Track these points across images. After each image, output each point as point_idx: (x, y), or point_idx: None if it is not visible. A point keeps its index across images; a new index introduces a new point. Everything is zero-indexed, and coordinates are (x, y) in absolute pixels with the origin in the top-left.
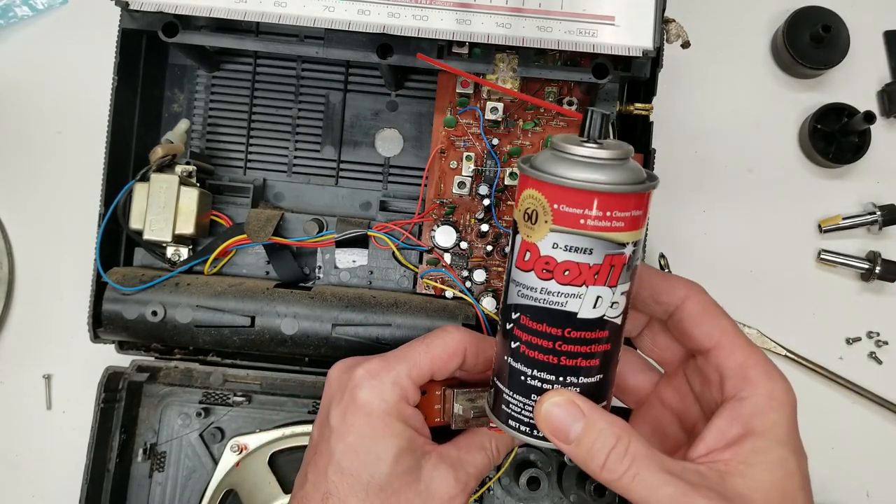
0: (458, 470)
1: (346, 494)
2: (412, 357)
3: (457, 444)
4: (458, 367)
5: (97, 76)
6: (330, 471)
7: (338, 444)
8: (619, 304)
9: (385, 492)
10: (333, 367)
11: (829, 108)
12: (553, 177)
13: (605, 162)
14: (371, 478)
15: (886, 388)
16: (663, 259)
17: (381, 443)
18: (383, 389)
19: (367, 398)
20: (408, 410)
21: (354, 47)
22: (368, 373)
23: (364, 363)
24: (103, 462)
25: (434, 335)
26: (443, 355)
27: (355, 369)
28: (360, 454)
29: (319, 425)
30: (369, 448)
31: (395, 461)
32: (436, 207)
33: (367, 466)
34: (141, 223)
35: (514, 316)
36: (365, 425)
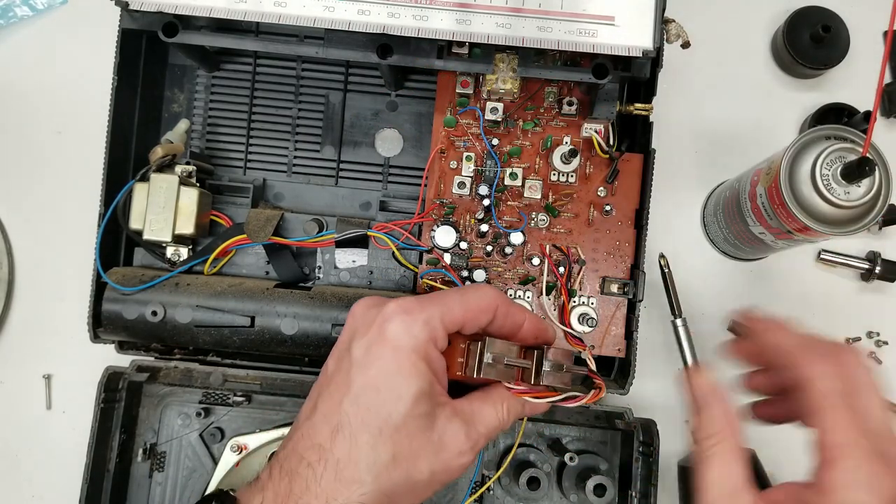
0: (469, 426)
1: (359, 429)
2: (446, 302)
3: (470, 401)
4: (487, 323)
5: (97, 76)
6: (346, 402)
7: (358, 376)
8: None
9: (399, 432)
10: (358, 302)
11: (829, 108)
12: None
13: None
14: (388, 415)
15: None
16: (663, 259)
17: (404, 381)
18: (414, 326)
19: (397, 332)
20: (434, 353)
21: (354, 47)
22: (401, 308)
23: (398, 299)
24: (103, 462)
25: (470, 288)
26: (476, 308)
27: (387, 304)
28: (380, 389)
29: (337, 357)
30: (391, 384)
31: (414, 402)
32: (436, 207)
33: (386, 403)
34: (141, 223)
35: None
36: (390, 360)
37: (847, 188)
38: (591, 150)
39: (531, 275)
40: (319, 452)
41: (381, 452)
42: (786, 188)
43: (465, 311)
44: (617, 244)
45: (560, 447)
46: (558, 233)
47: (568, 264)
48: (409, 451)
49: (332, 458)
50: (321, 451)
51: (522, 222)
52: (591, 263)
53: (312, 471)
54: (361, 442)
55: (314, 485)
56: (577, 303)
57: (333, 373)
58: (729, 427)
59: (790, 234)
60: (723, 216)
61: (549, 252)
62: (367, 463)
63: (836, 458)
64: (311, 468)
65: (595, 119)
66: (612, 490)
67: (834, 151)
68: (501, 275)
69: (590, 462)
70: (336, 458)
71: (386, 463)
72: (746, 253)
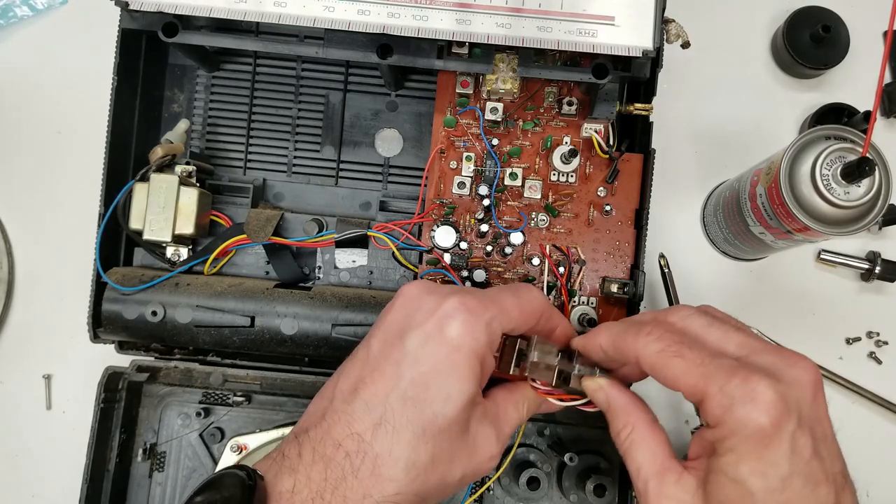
0: (498, 428)
1: (403, 426)
2: (504, 305)
3: (496, 401)
4: (531, 326)
5: (97, 76)
6: (393, 396)
7: (409, 370)
8: None
9: (441, 434)
10: (411, 284)
11: (829, 108)
12: None
13: None
14: (435, 416)
15: (886, 388)
16: (663, 259)
17: (457, 383)
18: (477, 328)
19: (459, 333)
20: (489, 357)
21: (354, 47)
22: (464, 306)
23: (459, 293)
24: (103, 462)
25: (521, 289)
26: (528, 311)
27: (449, 297)
28: (430, 387)
29: (385, 340)
30: (443, 384)
31: (462, 406)
32: (435, 207)
33: (435, 403)
34: (141, 223)
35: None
36: (446, 359)
37: (847, 188)
38: (591, 150)
39: (531, 275)
40: (359, 444)
41: (421, 453)
42: (786, 188)
43: (520, 314)
44: (617, 244)
45: (560, 447)
46: (558, 233)
47: (568, 264)
48: (448, 454)
49: (372, 451)
50: (361, 442)
51: (522, 222)
52: (591, 263)
53: (350, 461)
54: (404, 440)
55: (351, 476)
56: (577, 303)
57: (380, 358)
58: (633, 413)
59: (790, 234)
60: (723, 216)
61: (549, 252)
62: (406, 463)
63: (702, 393)
64: (349, 458)
65: (595, 119)
66: (612, 490)
67: (834, 151)
68: (501, 275)
69: (590, 462)
70: (375, 452)
71: (425, 464)
72: (746, 253)
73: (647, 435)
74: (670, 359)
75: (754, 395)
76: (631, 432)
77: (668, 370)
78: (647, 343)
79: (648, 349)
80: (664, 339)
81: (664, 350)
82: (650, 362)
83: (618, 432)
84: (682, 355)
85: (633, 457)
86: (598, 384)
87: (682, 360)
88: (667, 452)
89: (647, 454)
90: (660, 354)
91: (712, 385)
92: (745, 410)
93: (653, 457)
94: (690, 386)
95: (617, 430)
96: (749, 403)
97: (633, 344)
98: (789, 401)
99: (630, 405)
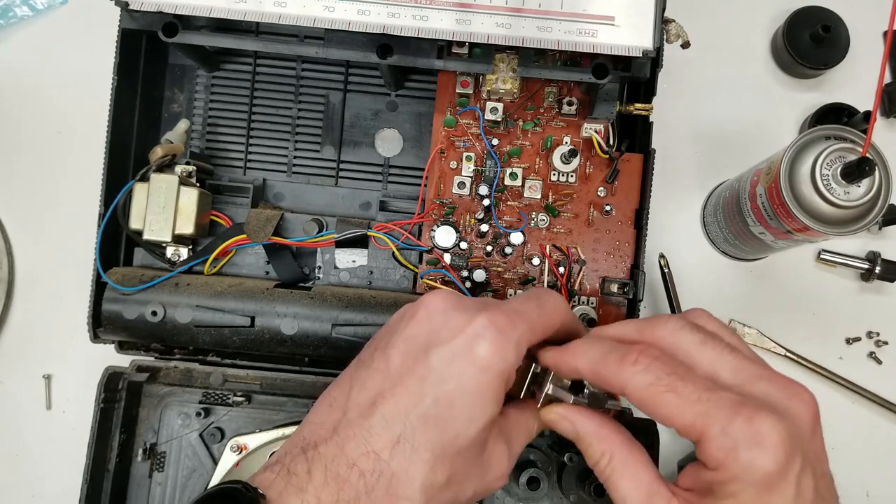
0: (510, 445)
1: (423, 445)
2: (529, 317)
3: (508, 419)
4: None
5: (97, 76)
6: (414, 414)
7: (434, 389)
8: None
9: (460, 455)
10: (435, 295)
11: (829, 108)
12: None
13: None
14: (456, 437)
15: (886, 388)
16: (663, 259)
17: (481, 405)
18: (507, 349)
19: (489, 354)
20: (514, 376)
21: (354, 47)
22: (494, 325)
23: (487, 311)
24: (103, 462)
25: (544, 296)
26: (552, 323)
27: (478, 315)
28: (454, 408)
29: (407, 353)
30: (466, 404)
31: (483, 428)
32: (436, 207)
33: (457, 424)
34: (141, 223)
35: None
36: (473, 380)
37: (847, 188)
38: (591, 150)
39: (531, 275)
40: (375, 462)
41: (438, 474)
42: (786, 188)
43: (544, 327)
44: (617, 244)
45: (560, 447)
46: (558, 233)
47: (568, 264)
48: (463, 474)
49: (388, 470)
50: (378, 460)
51: (522, 222)
52: (591, 263)
53: (364, 481)
54: (422, 460)
55: (364, 497)
56: (577, 303)
57: (403, 373)
58: (607, 439)
59: (790, 234)
60: (723, 216)
61: (549, 252)
62: (422, 483)
63: (699, 433)
64: (364, 478)
65: (595, 119)
66: None
67: (834, 151)
68: (501, 275)
69: None
70: (392, 471)
71: (440, 485)
72: (746, 253)
73: (627, 460)
74: (662, 394)
75: (759, 437)
76: (610, 461)
77: (660, 407)
78: (634, 374)
79: (636, 382)
80: (653, 370)
81: (654, 384)
82: (639, 397)
83: (595, 462)
84: (676, 390)
85: (615, 487)
86: (558, 413)
87: (675, 395)
88: (652, 476)
89: (632, 482)
90: (650, 389)
91: (712, 426)
92: (750, 455)
93: (637, 484)
94: (687, 425)
95: (594, 460)
96: (755, 447)
97: (618, 375)
98: (793, 440)
99: (601, 430)
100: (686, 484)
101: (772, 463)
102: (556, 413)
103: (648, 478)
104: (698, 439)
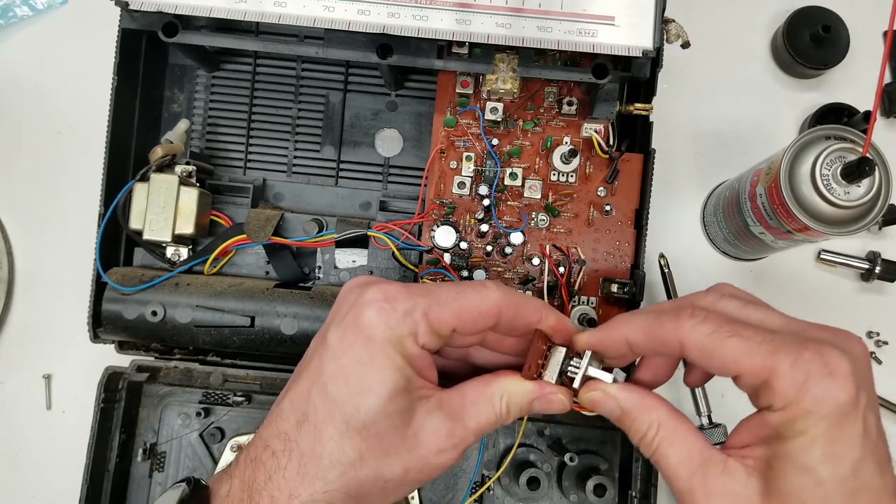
0: (455, 421)
1: (324, 422)
2: (438, 296)
3: (462, 392)
4: (487, 328)
5: (97, 76)
6: (314, 391)
7: (329, 364)
8: None
9: (367, 429)
10: (349, 280)
11: (829, 108)
12: None
13: None
14: (356, 409)
15: (886, 388)
16: (663, 259)
17: (376, 374)
18: (392, 316)
19: (372, 321)
20: (413, 349)
21: (354, 47)
22: (383, 294)
23: (382, 283)
24: (103, 462)
25: (470, 286)
26: (472, 311)
27: (370, 287)
28: (350, 380)
29: (317, 340)
30: (361, 375)
31: (387, 398)
32: (436, 207)
33: (354, 396)
34: (141, 223)
35: None
36: (362, 350)
37: (847, 188)
38: (591, 150)
39: (531, 275)
40: (285, 442)
41: (346, 449)
42: (786, 188)
43: (457, 311)
44: (617, 244)
45: (560, 447)
46: (558, 233)
47: (568, 264)
48: (379, 448)
49: (297, 449)
50: (286, 440)
51: (522, 222)
52: (591, 263)
53: (276, 461)
54: (326, 436)
55: (277, 476)
56: (577, 303)
57: (310, 357)
58: (654, 410)
59: (790, 234)
60: (723, 216)
61: (549, 252)
62: (330, 459)
63: (769, 372)
64: (276, 458)
65: (595, 119)
66: (612, 490)
67: (834, 151)
68: (501, 275)
69: (590, 462)
70: (301, 450)
71: (352, 460)
72: (746, 253)
73: (677, 428)
74: (726, 339)
75: (831, 368)
76: (658, 431)
77: (725, 352)
78: (694, 326)
79: (696, 332)
80: (711, 321)
81: (716, 331)
82: (701, 346)
83: (642, 435)
84: (740, 334)
85: (666, 457)
86: (601, 391)
87: (740, 339)
88: (703, 443)
89: (683, 449)
90: (712, 337)
91: (782, 361)
92: (823, 386)
93: (689, 450)
94: (756, 366)
95: (640, 433)
96: (828, 378)
97: (676, 330)
98: (859, 374)
99: (646, 401)
100: (742, 441)
101: (844, 394)
102: (598, 392)
103: (700, 444)
104: (767, 378)
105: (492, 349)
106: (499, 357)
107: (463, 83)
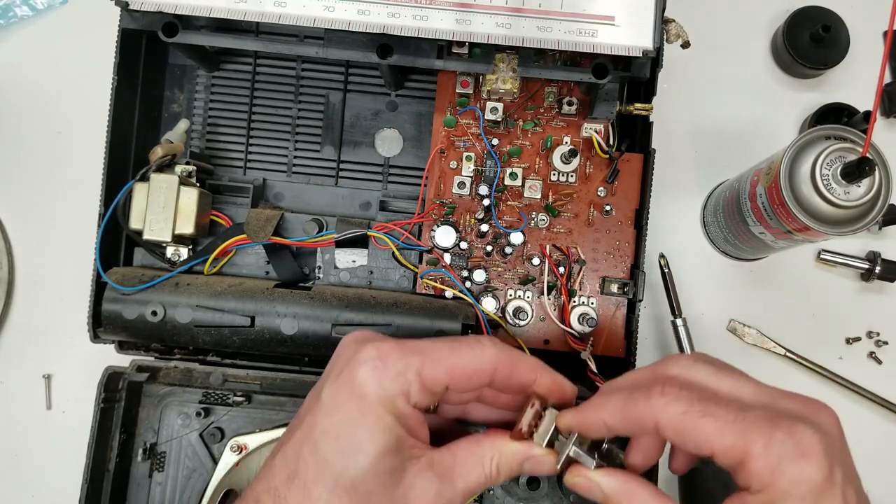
0: (444, 482)
1: (314, 480)
2: (432, 354)
3: (453, 452)
4: (482, 386)
5: (97, 76)
6: (305, 448)
7: (321, 421)
8: None
9: (356, 489)
10: (349, 335)
11: (828, 108)
12: None
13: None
14: (345, 469)
15: (886, 388)
16: (663, 259)
17: (367, 434)
18: (386, 376)
19: (365, 380)
20: (405, 409)
21: (354, 47)
22: (378, 353)
23: (378, 341)
24: (103, 462)
25: (465, 342)
26: (467, 369)
27: (366, 344)
28: (340, 439)
29: (312, 395)
30: (352, 435)
31: (376, 458)
32: (436, 207)
33: (344, 455)
34: (141, 223)
35: None
36: (354, 409)
37: (847, 188)
38: (591, 150)
39: (531, 275)
40: (274, 498)
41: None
42: (786, 188)
43: (451, 369)
44: (617, 244)
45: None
46: (558, 233)
47: (568, 264)
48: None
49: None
50: (276, 496)
51: (522, 222)
52: (591, 263)
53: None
54: (315, 494)
55: None
56: (577, 303)
57: (305, 411)
58: (637, 494)
59: (790, 234)
60: (723, 216)
61: (549, 252)
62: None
63: (742, 453)
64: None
65: (595, 119)
66: None
67: (834, 151)
68: (501, 275)
69: None
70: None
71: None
72: (746, 253)
73: None
74: (698, 420)
75: (803, 448)
76: None
77: (698, 433)
78: (666, 405)
79: (669, 412)
80: (683, 398)
81: (688, 411)
82: (674, 426)
83: None
84: (711, 413)
85: None
86: (583, 477)
87: (712, 418)
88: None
89: None
90: (684, 417)
91: (755, 443)
92: (797, 468)
93: None
94: (728, 447)
95: None
96: (800, 460)
97: (647, 410)
98: (832, 451)
99: (628, 486)
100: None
101: (818, 473)
102: (580, 478)
103: None
104: (741, 460)
105: (488, 405)
106: (494, 413)
107: (463, 83)
